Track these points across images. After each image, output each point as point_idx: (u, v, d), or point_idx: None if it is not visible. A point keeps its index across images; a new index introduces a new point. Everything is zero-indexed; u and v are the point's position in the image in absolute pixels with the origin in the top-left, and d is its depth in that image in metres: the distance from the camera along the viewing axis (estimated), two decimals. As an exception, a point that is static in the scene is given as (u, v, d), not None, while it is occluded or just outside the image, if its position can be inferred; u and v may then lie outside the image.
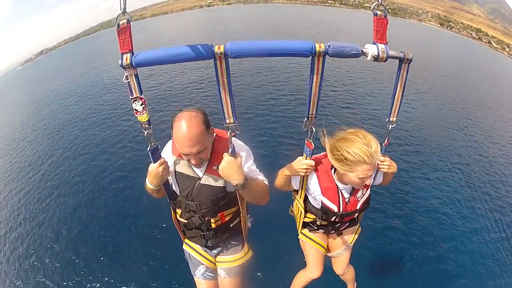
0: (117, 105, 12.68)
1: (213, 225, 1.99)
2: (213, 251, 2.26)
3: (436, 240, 5.40)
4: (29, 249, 5.46)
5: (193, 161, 1.69)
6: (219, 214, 1.95)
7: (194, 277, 2.33)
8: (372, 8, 1.31)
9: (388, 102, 1.68)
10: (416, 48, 31.28)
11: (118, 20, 1.22)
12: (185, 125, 1.58)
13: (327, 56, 1.31)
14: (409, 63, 1.47)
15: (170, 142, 1.95)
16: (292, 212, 2.43)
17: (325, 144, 1.79)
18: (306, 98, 1.46)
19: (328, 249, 2.43)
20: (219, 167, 1.60)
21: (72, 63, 31.58)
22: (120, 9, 1.18)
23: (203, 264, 2.27)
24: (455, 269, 4.84)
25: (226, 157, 1.58)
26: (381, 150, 1.78)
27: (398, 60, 1.46)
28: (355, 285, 2.70)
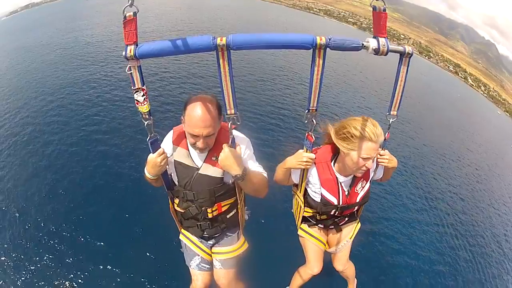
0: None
1: (209, 215, 2.01)
2: (209, 242, 2.27)
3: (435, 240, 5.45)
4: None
5: (200, 145, 1.68)
6: (216, 204, 1.97)
7: (189, 267, 2.34)
8: (370, 3, 1.31)
9: (388, 96, 1.69)
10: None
11: (124, 12, 1.23)
12: (201, 106, 1.60)
13: (328, 49, 1.32)
14: (410, 57, 1.47)
15: (170, 132, 1.96)
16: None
17: (328, 129, 1.81)
18: (307, 90, 1.47)
19: (327, 245, 2.42)
20: (219, 158, 1.62)
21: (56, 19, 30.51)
22: (128, 1, 1.19)
23: (199, 255, 2.28)
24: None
25: (226, 148, 1.60)
26: (383, 144, 1.80)
27: (398, 54, 1.46)
28: (355, 282, 2.70)
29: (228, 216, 2.10)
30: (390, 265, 4.75)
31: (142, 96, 1.44)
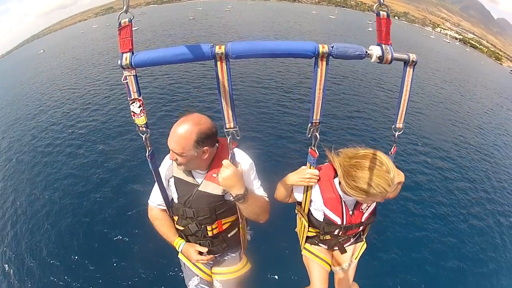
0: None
1: (209, 233, 1.93)
2: (208, 262, 2.18)
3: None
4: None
5: (170, 155, 1.71)
6: (216, 222, 1.89)
7: (187, 287, 2.26)
8: (374, 8, 1.25)
9: (389, 107, 1.61)
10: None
11: (120, 19, 1.18)
12: (180, 123, 1.62)
13: (330, 57, 1.26)
14: (414, 65, 1.41)
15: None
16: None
17: (335, 165, 1.69)
18: (310, 102, 1.40)
19: (331, 265, 2.30)
20: (220, 177, 1.56)
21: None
22: (123, 7, 1.14)
23: (197, 276, 2.19)
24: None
25: (228, 167, 1.53)
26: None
27: (403, 62, 1.40)
28: None
29: (229, 235, 2.01)
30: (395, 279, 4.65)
31: (139, 107, 1.37)
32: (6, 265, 5.18)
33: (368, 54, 1.29)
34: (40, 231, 5.84)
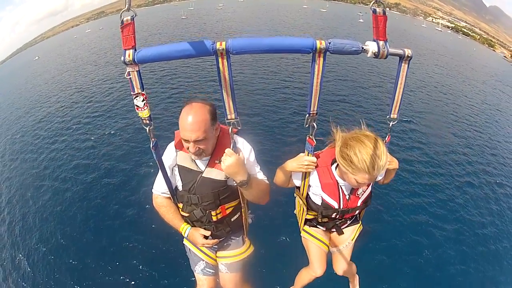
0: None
1: (213, 218, 2.01)
2: (213, 246, 2.25)
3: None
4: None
5: (191, 149, 1.70)
6: (220, 207, 1.97)
7: (194, 272, 2.34)
8: (370, 5, 1.31)
9: (385, 98, 1.67)
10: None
11: (122, 17, 1.22)
12: (191, 111, 1.64)
13: (327, 53, 1.31)
14: (409, 60, 1.46)
15: (173, 142, 1.97)
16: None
17: (337, 138, 1.75)
18: (307, 94, 1.46)
19: (329, 246, 2.40)
20: (223, 165, 1.61)
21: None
22: (125, 6, 1.18)
23: (203, 260, 2.28)
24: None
25: (231, 155, 1.59)
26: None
27: (398, 57, 1.46)
28: (357, 278, 2.69)
29: (232, 220, 2.10)
30: (392, 262, 4.80)
31: (142, 101, 1.43)
32: (21, 254, 5.29)
33: (364, 49, 1.34)
34: (53, 219, 6.09)
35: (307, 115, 1.52)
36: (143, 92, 1.41)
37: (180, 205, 2.05)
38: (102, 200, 6.42)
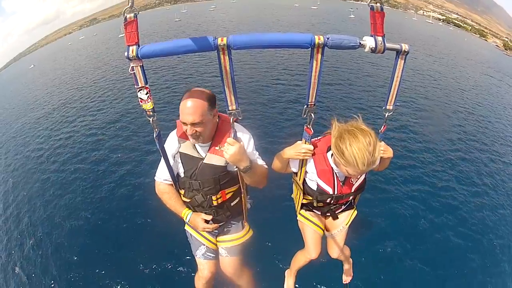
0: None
1: (214, 203, 2.08)
2: (214, 231, 2.33)
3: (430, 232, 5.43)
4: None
5: (189, 132, 1.79)
6: (220, 192, 2.05)
7: (195, 257, 2.42)
8: (368, 2, 1.36)
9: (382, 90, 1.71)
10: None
11: (125, 14, 1.27)
12: (189, 95, 1.76)
13: (326, 48, 1.36)
14: (406, 55, 1.52)
15: (175, 130, 2.05)
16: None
17: (333, 128, 1.79)
18: (306, 86, 1.52)
19: (324, 230, 2.48)
20: (226, 154, 1.68)
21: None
22: (128, 3, 1.24)
23: (204, 245, 2.36)
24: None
25: (233, 144, 1.66)
26: (378, 136, 1.79)
27: (395, 52, 1.51)
28: (351, 261, 2.80)
29: (232, 204, 2.18)
30: (385, 249, 4.79)
31: (146, 94, 1.49)
32: (31, 241, 5.43)
33: (362, 44, 1.40)
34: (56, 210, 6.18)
35: (305, 106, 1.58)
36: (146, 86, 1.47)
37: (182, 191, 2.12)
38: (110, 186, 6.60)
